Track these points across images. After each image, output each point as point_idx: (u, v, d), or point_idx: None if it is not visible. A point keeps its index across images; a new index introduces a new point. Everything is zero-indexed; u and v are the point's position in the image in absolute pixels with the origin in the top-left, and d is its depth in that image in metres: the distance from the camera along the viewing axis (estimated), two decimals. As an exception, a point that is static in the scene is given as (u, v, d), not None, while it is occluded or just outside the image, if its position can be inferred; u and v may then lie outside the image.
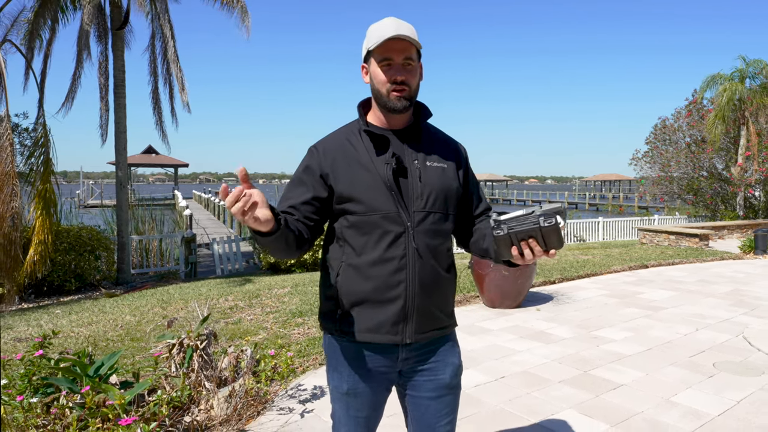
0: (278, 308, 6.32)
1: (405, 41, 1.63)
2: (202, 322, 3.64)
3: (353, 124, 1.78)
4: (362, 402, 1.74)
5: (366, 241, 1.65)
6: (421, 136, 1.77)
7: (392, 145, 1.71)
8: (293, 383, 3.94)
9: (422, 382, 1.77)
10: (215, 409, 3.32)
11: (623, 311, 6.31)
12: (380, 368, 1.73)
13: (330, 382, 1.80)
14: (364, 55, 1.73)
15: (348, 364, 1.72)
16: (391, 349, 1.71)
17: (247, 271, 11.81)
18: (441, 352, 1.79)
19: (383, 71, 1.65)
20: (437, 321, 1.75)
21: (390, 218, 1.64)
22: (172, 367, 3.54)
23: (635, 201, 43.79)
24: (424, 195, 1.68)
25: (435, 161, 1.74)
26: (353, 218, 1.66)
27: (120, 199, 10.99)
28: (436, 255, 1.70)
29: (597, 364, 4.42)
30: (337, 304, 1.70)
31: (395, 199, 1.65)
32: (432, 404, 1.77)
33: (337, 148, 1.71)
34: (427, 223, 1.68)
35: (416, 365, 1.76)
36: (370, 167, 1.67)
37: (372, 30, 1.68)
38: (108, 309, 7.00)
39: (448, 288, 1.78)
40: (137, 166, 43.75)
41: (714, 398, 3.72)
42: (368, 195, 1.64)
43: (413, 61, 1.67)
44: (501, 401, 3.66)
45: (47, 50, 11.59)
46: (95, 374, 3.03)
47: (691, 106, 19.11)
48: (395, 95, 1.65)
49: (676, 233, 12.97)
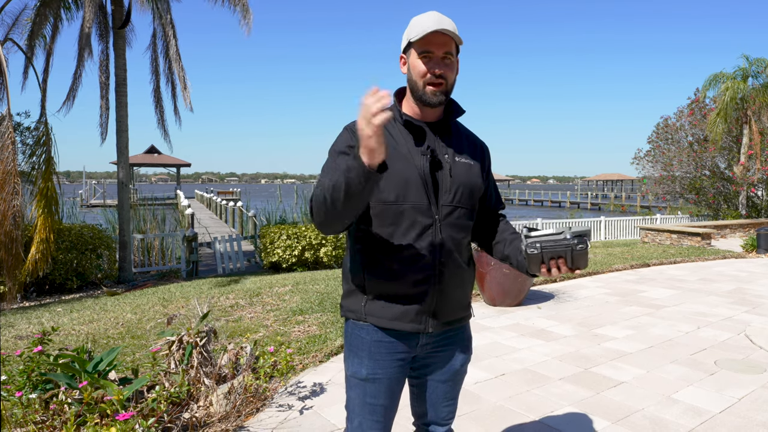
0: (279, 306, 6.32)
1: (446, 35, 1.64)
2: (201, 319, 3.64)
3: (388, 110, 1.78)
4: (380, 388, 1.76)
5: (394, 230, 1.67)
6: (452, 131, 1.80)
7: (427, 137, 1.73)
8: (293, 380, 3.94)
9: (435, 367, 1.84)
10: (214, 405, 3.31)
11: (625, 309, 6.29)
12: (400, 354, 1.76)
13: (348, 369, 1.81)
14: (404, 46, 1.74)
15: (369, 349, 1.75)
16: (413, 336, 1.76)
17: (249, 270, 11.81)
18: (456, 339, 1.86)
19: (423, 63, 1.66)
20: (458, 311, 1.81)
21: (420, 210, 1.67)
22: (171, 363, 3.53)
23: (637, 200, 43.70)
24: (452, 189, 1.71)
25: (464, 157, 1.78)
26: (383, 207, 1.67)
27: (121, 197, 11.00)
28: (459, 248, 1.74)
29: (598, 362, 4.41)
30: (364, 291, 1.74)
31: (428, 192, 1.67)
32: (440, 386, 1.86)
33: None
34: (454, 217, 1.71)
35: (432, 351, 1.82)
36: (408, 157, 1.68)
37: (415, 22, 1.69)
38: (109, 307, 7.00)
39: (468, 280, 1.83)
40: (139, 165, 43.81)
41: (715, 395, 3.71)
42: (403, 185, 1.66)
43: (452, 56, 1.68)
44: (501, 398, 3.65)
45: (49, 49, 11.60)
46: (94, 370, 3.03)
47: (694, 104, 19.05)
48: (431, 89, 1.66)
49: (678, 232, 12.93)
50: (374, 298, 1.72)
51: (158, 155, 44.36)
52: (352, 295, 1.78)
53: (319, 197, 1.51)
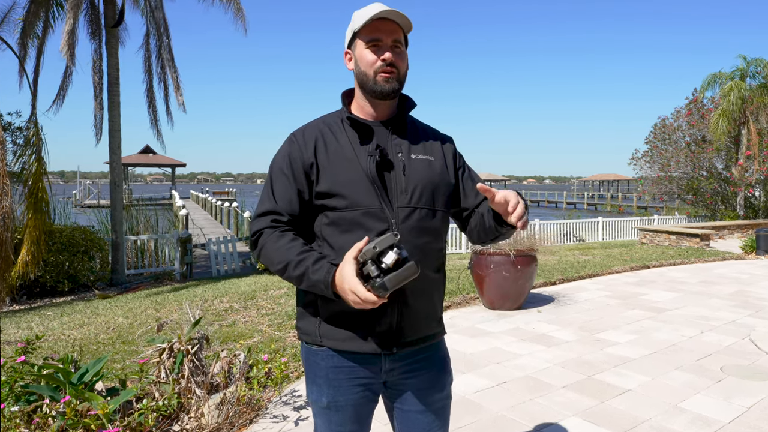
0: (274, 310, 6.19)
1: (394, 23, 1.54)
2: (193, 326, 3.51)
3: (335, 113, 1.67)
4: (345, 416, 1.61)
5: (346, 239, 1.50)
6: (407, 128, 1.65)
7: (376, 135, 1.59)
8: (287, 389, 3.81)
9: (410, 396, 1.65)
10: (206, 417, 3.18)
11: (626, 313, 6.19)
12: (362, 379, 1.60)
13: (309, 396, 1.67)
14: (348, 40, 1.63)
15: (326, 375, 1.59)
16: (374, 359, 1.59)
17: (244, 271, 11.67)
18: (429, 362, 1.66)
19: (371, 52, 1.55)
20: (424, 328, 1.62)
21: (372, 214, 1.52)
22: (162, 372, 3.40)
23: (634, 201, 43.71)
24: (409, 189, 1.56)
25: (421, 154, 1.63)
26: (333, 214, 1.54)
27: (114, 198, 10.84)
28: (423, 255, 1.56)
29: (601, 368, 4.29)
30: (316, 311, 1.58)
31: (378, 194, 1.53)
32: (420, 418, 1.66)
33: (318, 136, 1.59)
34: (413, 219, 1.55)
35: (403, 377, 1.63)
36: (351, 159, 1.55)
37: (357, 13, 1.58)
38: (101, 311, 6.86)
39: (436, 291, 1.65)
40: (134, 165, 43.56)
41: (723, 404, 3.60)
42: (349, 189, 1.52)
43: (402, 45, 1.58)
44: (502, 408, 3.53)
45: (40, 48, 11.43)
46: (79, 381, 2.89)
47: (692, 105, 18.99)
48: (384, 76, 1.54)
49: (677, 233, 12.86)
50: (328, 317, 1.56)
51: (153, 155, 44.08)
52: (305, 316, 1.62)
53: (265, 258, 1.55)
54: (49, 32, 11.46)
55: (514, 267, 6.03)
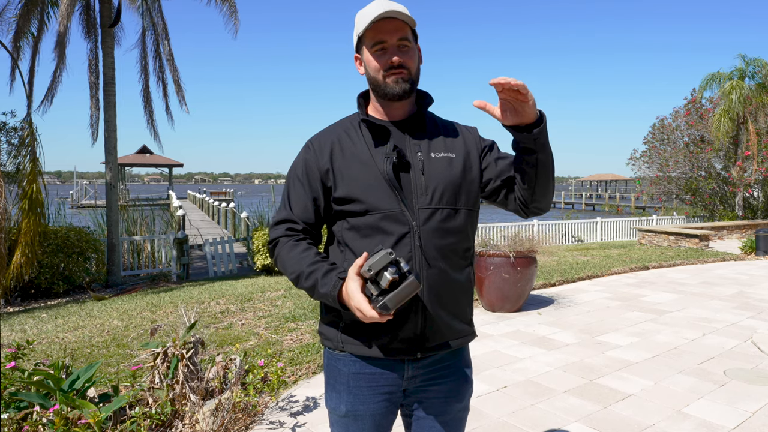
0: (271, 312, 6.12)
1: (397, 20, 1.47)
2: (188, 330, 3.43)
3: (352, 116, 1.61)
4: (363, 426, 1.56)
5: (368, 244, 1.46)
6: (425, 126, 1.59)
7: (393, 136, 1.53)
8: (284, 394, 3.74)
9: (429, 404, 1.59)
10: (201, 423, 3.11)
11: (627, 315, 6.13)
12: (383, 388, 1.54)
13: (327, 404, 1.61)
14: (355, 45, 1.56)
15: (347, 382, 1.55)
16: (398, 365, 1.54)
17: (241, 272, 11.59)
18: (452, 369, 1.61)
19: (377, 57, 1.49)
20: (450, 332, 1.56)
21: (392, 218, 1.47)
22: (156, 377, 3.33)
23: (632, 201, 43.71)
24: (429, 190, 1.50)
25: (441, 152, 1.56)
26: (353, 220, 1.50)
27: (110, 199, 10.75)
28: (446, 256, 1.51)
29: (603, 372, 4.23)
30: (338, 316, 1.53)
31: (397, 197, 1.47)
32: (436, 427, 1.60)
33: (334, 141, 1.55)
34: (435, 221, 1.50)
35: (424, 384, 1.58)
36: (368, 162, 1.50)
37: (360, 15, 1.51)
38: (95, 313, 6.78)
39: (463, 294, 1.58)
40: (131, 165, 43.35)
41: (727, 409, 3.54)
42: (367, 193, 1.47)
43: (409, 42, 1.50)
44: (504, 413, 3.46)
45: (35, 47, 11.34)
46: (70, 388, 2.82)
47: (690, 105, 18.94)
48: (394, 77, 1.48)
49: (676, 234, 12.81)
50: (351, 322, 1.51)
51: (150, 155, 43.89)
52: (327, 321, 1.59)
53: (281, 267, 1.55)
54: (44, 32, 11.38)
55: (514, 269, 5.97)
